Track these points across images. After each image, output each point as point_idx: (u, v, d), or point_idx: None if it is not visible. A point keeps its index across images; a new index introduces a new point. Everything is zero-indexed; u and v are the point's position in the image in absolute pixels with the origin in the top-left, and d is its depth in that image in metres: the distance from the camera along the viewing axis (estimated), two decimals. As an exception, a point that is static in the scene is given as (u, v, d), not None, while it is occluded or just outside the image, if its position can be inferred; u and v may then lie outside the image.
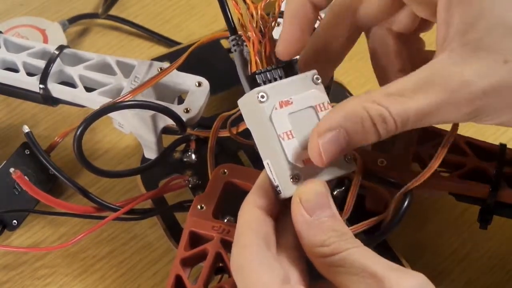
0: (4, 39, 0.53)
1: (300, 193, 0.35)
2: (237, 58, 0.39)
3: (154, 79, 0.48)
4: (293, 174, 0.36)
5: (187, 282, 0.41)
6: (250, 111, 0.37)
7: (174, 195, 0.53)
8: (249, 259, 0.34)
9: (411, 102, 0.34)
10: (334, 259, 0.34)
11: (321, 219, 0.35)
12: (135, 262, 0.52)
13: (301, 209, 0.35)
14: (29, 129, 0.50)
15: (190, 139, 0.53)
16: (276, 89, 0.37)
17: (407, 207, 0.43)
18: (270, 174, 0.37)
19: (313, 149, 0.35)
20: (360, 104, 0.35)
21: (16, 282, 0.51)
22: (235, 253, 0.36)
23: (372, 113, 0.34)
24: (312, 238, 0.35)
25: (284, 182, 0.36)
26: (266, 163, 0.37)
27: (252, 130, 0.38)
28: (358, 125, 0.35)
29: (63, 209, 0.49)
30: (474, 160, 0.47)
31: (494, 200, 0.46)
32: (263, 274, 0.34)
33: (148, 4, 0.68)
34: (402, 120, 0.34)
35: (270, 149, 0.36)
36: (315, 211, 0.35)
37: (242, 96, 0.38)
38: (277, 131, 0.36)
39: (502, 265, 0.51)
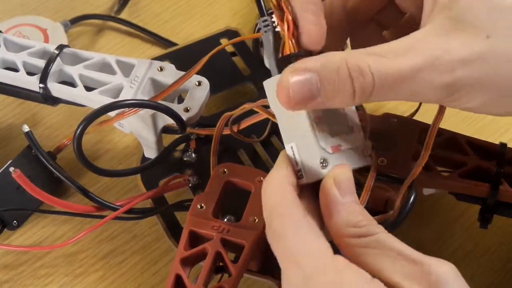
0: (4, 38, 0.53)
1: (335, 175, 0.36)
2: (268, 39, 0.39)
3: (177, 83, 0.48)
4: (323, 158, 0.36)
5: (187, 281, 0.41)
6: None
7: (174, 195, 0.53)
8: (293, 227, 0.34)
9: (392, 61, 0.34)
10: (368, 240, 0.34)
11: (350, 203, 0.35)
12: (135, 262, 0.52)
13: (335, 189, 0.35)
14: (29, 129, 0.50)
15: (190, 138, 0.53)
16: None
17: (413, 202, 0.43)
18: (292, 157, 0.37)
19: (282, 85, 0.35)
20: (340, 55, 0.35)
21: (17, 282, 0.51)
22: (274, 224, 0.35)
23: (350, 63, 0.34)
24: (346, 218, 0.35)
25: (312, 166, 0.36)
26: (289, 146, 0.37)
27: (276, 113, 0.38)
28: (333, 73, 0.34)
29: (63, 208, 0.49)
30: (475, 159, 0.47)
31: (494, 199, 0.46)
32: (311, 240, 0.34)
33: (148, 4, 0.68)
34: (380, 78, 0.34)
35: (298, 131, 0.37)
36: (346, 195, 0.35)
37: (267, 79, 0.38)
38: (311, 115, 0.36)
39: (503, 265, 0.51)
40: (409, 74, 0.34)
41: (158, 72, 0.50)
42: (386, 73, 0.34)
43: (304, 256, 0.33)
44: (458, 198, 0.48)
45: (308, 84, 0.34)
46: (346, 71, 0.34)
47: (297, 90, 0.34)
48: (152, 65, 0.50)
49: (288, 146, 0.37)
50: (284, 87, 0.35)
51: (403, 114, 0.50)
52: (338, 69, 0.34)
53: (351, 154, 0.38)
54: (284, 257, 0.34)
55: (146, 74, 0.50)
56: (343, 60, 0.34)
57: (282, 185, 0.36)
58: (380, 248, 0.34)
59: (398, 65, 0.34)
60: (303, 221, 0.35)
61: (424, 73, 0.34)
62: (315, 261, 0.33)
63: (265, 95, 0.39)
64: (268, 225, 0.36)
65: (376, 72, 0.34)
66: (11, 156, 0.53)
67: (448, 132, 0.48)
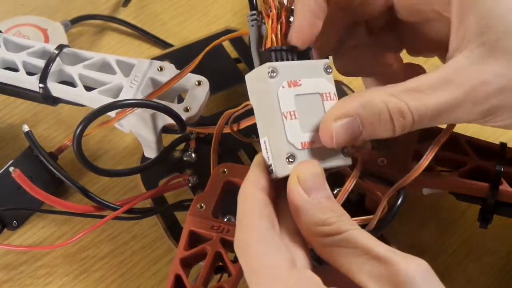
0: (4, 38, 0.53)
1: (298, 172, 0.35)
2: (253, 33, 0.39)
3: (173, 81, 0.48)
4: (289, 153, 0.36)
5: (187, 281, 0.41)
6: (257, 86, 0.37)
7: (174, 195, 0.53)
8: (255, 241, 0.34)
9: (430, 98, 0.35)
10: (336, 239, 0.33)
11: (319, 199, 0.35)
12: (135, 262, 0.52)
13: (299, 187, 0.35)
14: (29, 129, 0.50)
15: (190, 138, 0.53)
16: (287, 68, 0.37)
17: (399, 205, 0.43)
18: (265, 153, 0.37)
19: (325, 130, 0.36)
20: (380, 96, 0.35)
21: (17, 282, 0.51)
22: (239, 234, 0.35)
23: (391, 106, 0.35)
24: (311, 217, 0.34)
25: (279, 161, 0.36)
26: (263, 141, 0.37)
27: (254, 106, 0.38)
28: (375, 117, 0.35)
29: (63, 208, 0.49)
30: (475, 159, 0.47)
31: (494, 199, 0.46)
32: (271, 256, 0.33)
33: (148, 4, 0.68)
34: (420, 115, 0.35)
35: (270, 125, 0.36)
36: (312, 192, 0.35)
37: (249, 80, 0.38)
38: (282, 108, 0.36)
39: (503, 265, 0.51)
40: (448, 108, 0.35)
41: (158, 72, 0.50)
42: (425, 110, 0.35)
43: (261, 272, 0.33)
44: (458, 198, 0.48)
45: (351, 128, 0.35)
46: (387, 114, 0.35)
47: (341, 134, 0.35)
48: (152, 65, 0.50)
49: (262, 141, 0.37)
50: (328, 134, 0.36)
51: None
52: (380, 113, 0.35)
53: (325, 152, 0.37)
54: (246, 271, 0.34)
55: (146, 74, 0.50)
56: (383, 104, 0.35)
57: (251, 192, 0.36)
58: (350, 246, 0.33)
59: (436, 101, 0.35)
60: (266, 234, 0.34)
61: (462, 105, 0.35)
62: (270, 277, 0.33)
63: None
64: (235, 237, 0.35)
65: (416, 110, 0.35)
66: (11, 156, 0.53)
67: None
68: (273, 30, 0.38)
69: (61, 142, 0.53)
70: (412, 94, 0.35)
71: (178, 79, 0.48)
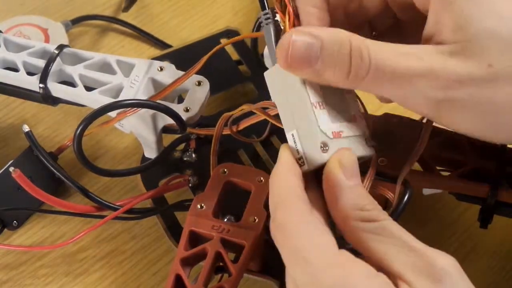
0: (4, 38, 0.53)
1: (340, 157, 0.36)
2: (269, 32, 0.40)
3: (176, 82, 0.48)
4: (324, 142, 0.36)
5: (187, 281, 0.41)
6: (281, 80, 0.38)
7: (174, 195, 0.53)
8: (299, 222, 0.34)
9: (391, 57, 0.35)
10: (374, 225, 0.34)
11: (358, 185, 0.35)
12: (135, 262, 0.52)
13: (340, 171, 0.35)
14: (29, 129, 0.50)
15: (190, 138, 0.53)
16: None
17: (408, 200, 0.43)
18: (293, 146, 0.37)
19: (284, 42, 0.35)
20: (346, 33, 0.35)
21: (17, 282, 0.51)
22: (280, 217, 0.35)
23: (354, 44, 0.35)
24: (352, 201, 0.34)
25: (312, 150, 0.36)
26: (291, 134, 0.37)
27: (278, 102, 0.38)
28: (335, 46, 0.35)
29: (63, 208, 0.49)
30: (475, 159, 0.47)
31: (494, 199, 0.46)
32: (319, 237, 0.33)
33: (148, 4, 0.68)
34: (377, 66, 0.34)
35: (299, 116, 0.37)
36: (352, 177, 0.35)
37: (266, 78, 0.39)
38: (311, 98, 0.36)
39: (502, 265, 0.51)
40: (403, 75, 0.34)
41: (158, 72, 0.50)
42: (383, 64, 0.34)
43: (310, 251, 0.33)
44: (458, 198, 0.48)
45: (309, 47, 0.35)
46: (348, 48, 0.35)
47: (296, 49, 0.35)
48: (152, 65, 0.50)
49: (289, 135, 0.37)
50: (285, 43, 0.35)
51: (403, 114, 0.50)
52: (341, 44, 0.35)
53: (353, 142, 0.38)
54: (289, 253, 0.34)
55: (146, 74, 0.50)
56: (347, 38, 0.35)
57: (288, 177, 0.36)
58: (386, 235, 0.33)
59: (395, 62, 0.34)
60: (308, 216, 0.34)
61: (418, 80, 0.34)
62: (321, 256, 0.33)
63: (265, 95, 0.39)
64: (272, 218, 0.35)
65: (374, 60, 0.34)
66: (11, 156, 0.53)
67: (448, 132, 0.48)
68: (291, 26, 0.38)
69: (61, 142, 0.53)
70: (377, 47, 0.35)
71: (183, 81, 0.48)
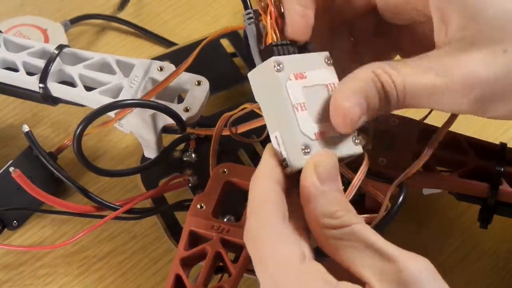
0: (4, 38, 0.53)
1: (315, 161, 0.35)
2: (251, 32, 0.39)
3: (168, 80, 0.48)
4: (305, 144, 0.36)
5: (187, 281, 0.41)
6: (263, 82, 0.37)
7: (174, 195, 0.53)
8: (268, 232, 0.34)
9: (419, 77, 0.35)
10: (342, 232, 0.33)
11: (331, 191, 0.35)
12: (135, 262, 0.52)
13: (314, 176, 0.35)
14: (29, 129, 0.50)
15: (190, 138, 0.53)
16: (291, 61, 0.37)
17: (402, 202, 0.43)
18: (277, 148, 0.37)
19: (338, 111, 0.36)
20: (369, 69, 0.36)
21: (17, 282, 0.51)
22: (252, 224, 0.35)
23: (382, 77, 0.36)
24: (321, 208, 0.34)
25: (294, 153, 0.36)
26: (274, 136, 0.37)
27: (262, 103, 0.38)
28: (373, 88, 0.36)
29: (63, 208, 0.49)
30: (475, 159, 0.47)
31: (494, 199, 0.46)
32: (283, 247, 0.33)
33: (148, 4, 0.68)
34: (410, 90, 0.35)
35: (282, 119, 0.36)
36: (325, 182, 0.35)
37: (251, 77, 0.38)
38: (292, 100, 0.36)
39: (503, 265, 0.51)
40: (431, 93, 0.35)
41: (158, 72, 0.50)
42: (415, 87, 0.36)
43: (273, 262, 0.33)
44: (458, 198, 0.48)
45: (360, 104, 0.36)
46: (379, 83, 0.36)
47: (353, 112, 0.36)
48: (152, 65, 0.50)
49: (273, 137, 0.37)
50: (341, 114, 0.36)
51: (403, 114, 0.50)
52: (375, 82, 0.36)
53: (338, 141, 0.37)
54: (256, 262, 0.34)
55: (146, 74, 0.50)
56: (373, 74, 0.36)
57: (265, 183, 0.36)
58: (354, 240, 0.33)
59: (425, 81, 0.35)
60: (279, 225, 0.34)
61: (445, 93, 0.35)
62: (282, 268, 0.33)
63: None
64: (246, 224, 0.35)
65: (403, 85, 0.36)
66: (11, 156, 0.53)
67: (448, 132, 0.48)
68: (272, 25, 0.38)
69: (61, 142, 0.53)
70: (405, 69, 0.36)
71: (175, 77, 0.48)
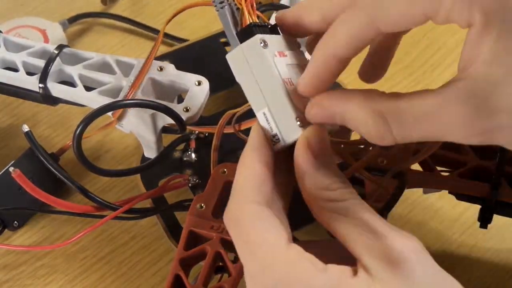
0: (4, 38, 0.53)
1: (307, 135, 0.35)
2: (225, 16, 0.39)
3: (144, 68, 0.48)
4: (299, 116, 0.36)
5: (187, 281, 0.41)
6: (248, 60, 0.37)
7: (174, 195, 0.53)
8: (251, 216, 0.34)
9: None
10: (337, 205, 0.33)
11: (325, 163, 0.34)
12: (135, 262, 0.52)
13: (307, 150, 0.35)
14: (29, 129, 0.50)
15: (190, 138, 0.53)
16: (272, 40, 0.37)
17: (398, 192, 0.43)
18: (266, 124, 0.36)
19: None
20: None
21: (17, 282, 0.51)
22: (233, 206, 0.35)
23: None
24: (316, 180, 0.34)
25: (288, 125, 0.36)
26: (262, 113, 0.37)
27: (244, 82, 0.37)
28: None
29: (63, 208, 0.49)
30: (475, 159, 0.47)
31: (494, 199, 0.46)
32: (268, 232, 0.33)
33: (148, 4, 0.68)
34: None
35: (271, 94, 0.36)
36: (319, 155, 0.35)
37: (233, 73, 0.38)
38: (282, 75, 0.36)
39: (503, 265, 0.51)
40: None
41: (158, 72, 0.50)
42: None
43: (259, 247, 0.33)
44: (458, 198, 0.48)
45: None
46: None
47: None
48: (152, 65, 0.50)
49: (260, 114, 0.37)
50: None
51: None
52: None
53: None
54: (240, 246, 0.34)
55: (145, 74, 0.50)
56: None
57: (250, 164, 0.35)
58: (349, 215, 0.33)
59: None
60: (261, 211, 0.34)
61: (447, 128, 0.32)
62: (269, 252, 0.33)
63: None
64: (227, 207, 0.35)
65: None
66: (11, 156, 0.53)
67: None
68: (248, 7, 0.38)
69: (61, 142, 0.54)
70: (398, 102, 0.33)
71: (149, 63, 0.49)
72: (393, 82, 0.63)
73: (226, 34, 0.39)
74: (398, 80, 0.63)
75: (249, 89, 0.37)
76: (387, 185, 0.44)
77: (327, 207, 0.34)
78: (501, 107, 0.30)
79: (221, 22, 0.39)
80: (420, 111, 0.31)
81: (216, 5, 0.39)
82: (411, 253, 0.31)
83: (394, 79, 0.63)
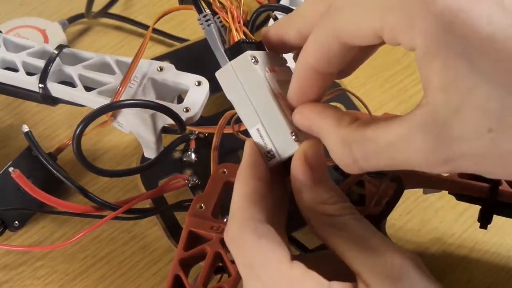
0: (3, 38, 0.53)
1: (305, 149, 0.35)
2: (212, 33, 0.39)
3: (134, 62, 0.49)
4: (294, 131, 0.36)
5: (186, 282, 0.41)
6: (238, 77, 0.37)
7: (174, 195, 0.53)
8: (253, 235, 0.34)
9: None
10: (336, 220, 0.33)
11: (323, 177, 0.35)
12: (135, 262, 0.52)
13: (305, 164, 0.35)
14: (29, 129, 0.50)
15: (190, 138, 0.53)
16: (261, 56, 0.37)
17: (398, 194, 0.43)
18: (260, 141, 0.36)
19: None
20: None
21: (16, 282, 0.51)
22: (234, 227, 0.34)
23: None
24: (316, 194, 0.34)
25: (283, 141, 0.36)
26: (255, 129, 0.37)
27: (235, 99, 0.37)
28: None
29: (63, 208, 0.49)
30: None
31: (494, 199, 0.46)
32: (271, 251, 0.33)
33: (148, 4, 0.68)
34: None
35: (264, 110, 0.36)
36: (316, 169, 0.35)
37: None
38: (274, 90, 0.36)
39: (502, 265, 0.51)
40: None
41: (157, 72, 0.50)
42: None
43: (262, 267, 0.33)
44: (458, 198, 0.48)
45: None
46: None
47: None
48: (151, 65, 0.50)
49: (253, 130, 0.37)
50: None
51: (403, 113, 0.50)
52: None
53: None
54: (243, 267, 0.34)
55: (145, 74, 0.50)
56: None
57: (245, 182, 0.35)
58: (348, 231, 0.33)
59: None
60: (260, 230, 0.34)
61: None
62: (272, 272, 0.33)
63: None
64: (226, 229, 0.35)
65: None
66: (11, 156, 0.53)
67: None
68: (235, 24, 0.38)
69: (61, 142, 0.53)
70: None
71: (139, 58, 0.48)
72: (393, 82, 0.63)
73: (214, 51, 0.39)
74: (398, 80, 0.63)
75: (241, 106, 0.37)
76: (385, 188, 0.44)
77: (325, 221, 0.34)
78: (460, 135, 0.28)
79: (208, 40, 0.39)
80: (384, 141, 0.30)
81: (202, 23, 0.39)
82: (410, 268, 0.32)
83: (394, 79, 0.63)
